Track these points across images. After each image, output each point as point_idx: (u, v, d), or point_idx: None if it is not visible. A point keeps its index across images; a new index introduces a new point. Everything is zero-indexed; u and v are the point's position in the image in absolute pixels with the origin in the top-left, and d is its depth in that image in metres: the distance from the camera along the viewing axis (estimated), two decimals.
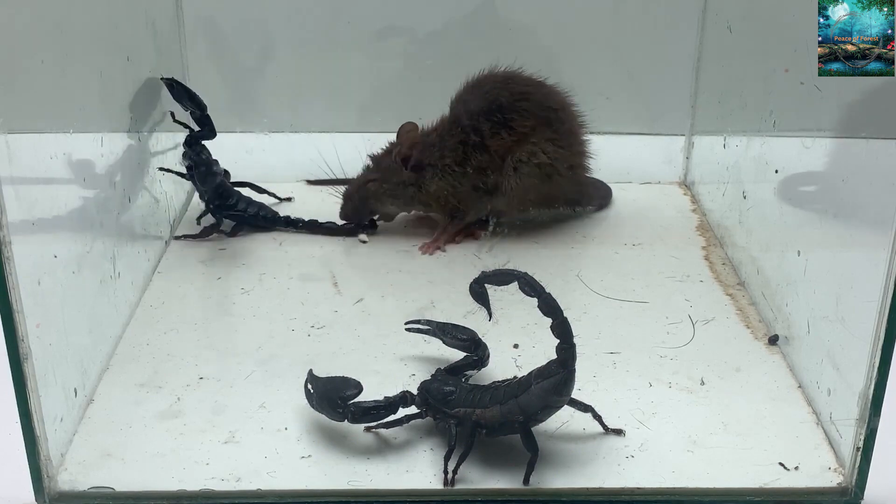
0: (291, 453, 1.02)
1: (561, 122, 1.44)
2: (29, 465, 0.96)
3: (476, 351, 1.10)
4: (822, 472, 1.00)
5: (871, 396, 0.95)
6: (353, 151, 1.53)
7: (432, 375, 1.06)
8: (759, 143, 1.33)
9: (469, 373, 1.09)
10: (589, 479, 0.99)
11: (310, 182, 1.60)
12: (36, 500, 0.98)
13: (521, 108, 1.41)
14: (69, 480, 0.98)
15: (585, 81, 1.61)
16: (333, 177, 1.56)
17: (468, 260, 1.40)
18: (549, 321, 0.97)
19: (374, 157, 1.47)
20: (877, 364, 0.94)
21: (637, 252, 1.43)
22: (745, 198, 1.38)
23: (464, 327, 1.14)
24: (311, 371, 1.05)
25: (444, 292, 1.30)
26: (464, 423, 1.00)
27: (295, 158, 1.55)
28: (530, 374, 0.99)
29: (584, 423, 1.04)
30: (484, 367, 1.10)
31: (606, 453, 1.02)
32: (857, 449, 0.97)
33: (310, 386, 1.04)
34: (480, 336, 1.12)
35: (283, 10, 1.61)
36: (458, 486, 0.98)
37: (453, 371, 1.07)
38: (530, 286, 0.97)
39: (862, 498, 0.99)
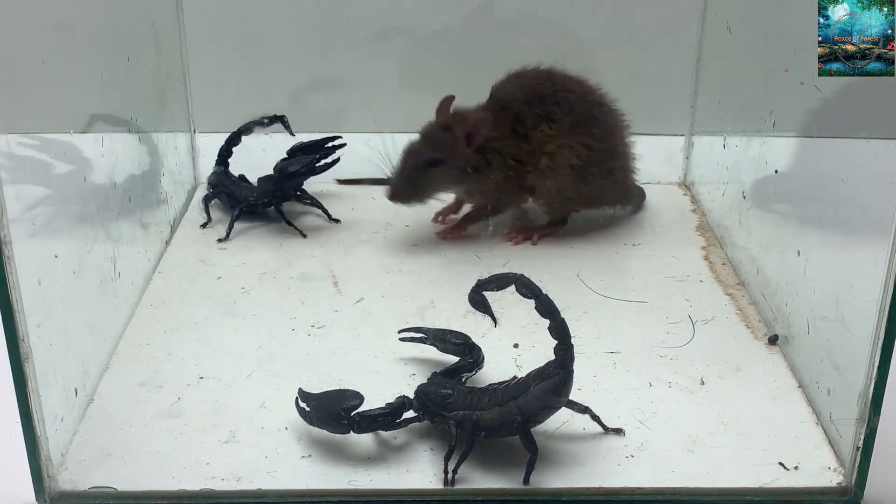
0: (291, 453, 1.02)
1: (600, 121, 1.42)
2: (29, 464, 0.96)
3: (471, 354, 1.10)
4: (821, 472, 1.00)
5: (870, 396, 0.95)
6: (354, 151, 1.53)
7: (429, 379, 1.06)
8: (759, 143, 1.34)
9: (465, 375, 1.09)
10: (589, 479, 0.99)
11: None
12: (36, 499, 0.98)
13: (563, 101, 1.39)
14: (70, 480, 0.98)
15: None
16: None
17: (468, 260, 1.40)
18: (547, 322, 0.97)
19: (428, 136, 1.40)
20: (877, 364, 0.94)
21: (637, 252, 1.43)
22: (744, 198, 1.38)
23: (456, 332, 1.13)
24: (301, 389, 1.04)
25: (444, 292, 1.30)
26: (463, 425, 1.00)
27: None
28: (529, 375, 0.99)
29: (584, 423, 1.04)
30: (479, 369, 1.10)
31: (606, 453, 1.02)
32: (857, 448, 0.97)
33: (304, 404, 1.03)
34: (480, 336, 1.12)
35: (283, 10, 1.61)
36: (458, 486, 0.98)
37: (450, 374, 1.07)
38: (527, 288, 0.97)
39: (862, 497, 0.99)
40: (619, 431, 1.04)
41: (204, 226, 1.47)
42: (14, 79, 0.99)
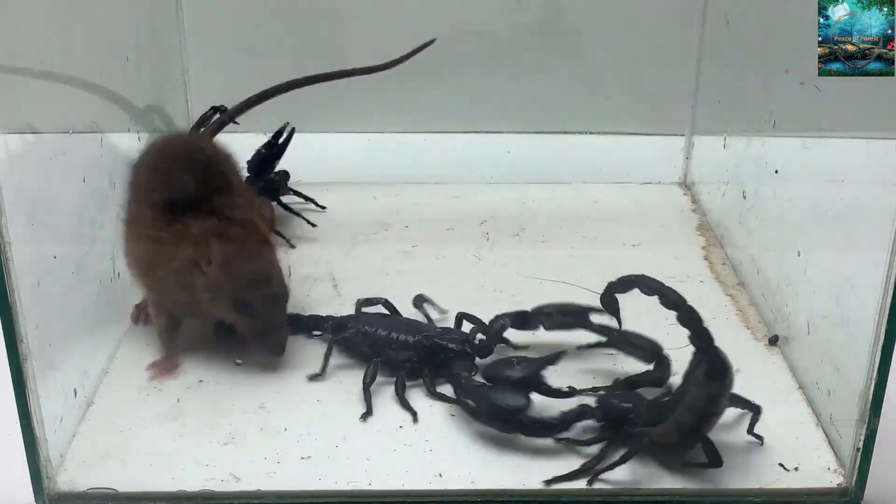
0: (291, 454, 1.02)
1: None
2: (28, 465, 0.96)
3: (658, 367, 1.07)
4: (822, 473, 1.00)
5: (871, 397, 0.95)
6: (354, 151, 1.53)
7: (610, 387, 1.05)
8: (759, 143, 1.33)
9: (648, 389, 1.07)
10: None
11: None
12: (35, 500, 0.98)
13: None
14: (69, 481, 0.98)
15: (585, 82, 1.61)
16: None
17: (467, 260, 1.40)
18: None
19: None
20: (877, 364, 0.94)
21: (637, 252, 1.43)
22: (744, 198, 1.38)
23: (646, 337, 1.10)
24: (472, 373, 1.04)
25: (443, 294, 1.30)
26: (636, 439, 0.98)
27: (295, 158, 1.55)
28: (684, 380, 0.98)
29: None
30: (663, 384, 1.06)
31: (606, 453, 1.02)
32: (857, 449, 0.97)
33: (476, 391, 1.02)
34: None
35: (283, 9, 1.61)
36: (458, 487, 0.98)
37: (631, 385, 1.06)
38: (648, 286, 0.98)
39: (862, 498, 0.99)
40: (759, 438, 1.03)
41: None
42: (14, 79, 0.99)
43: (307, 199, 1.51)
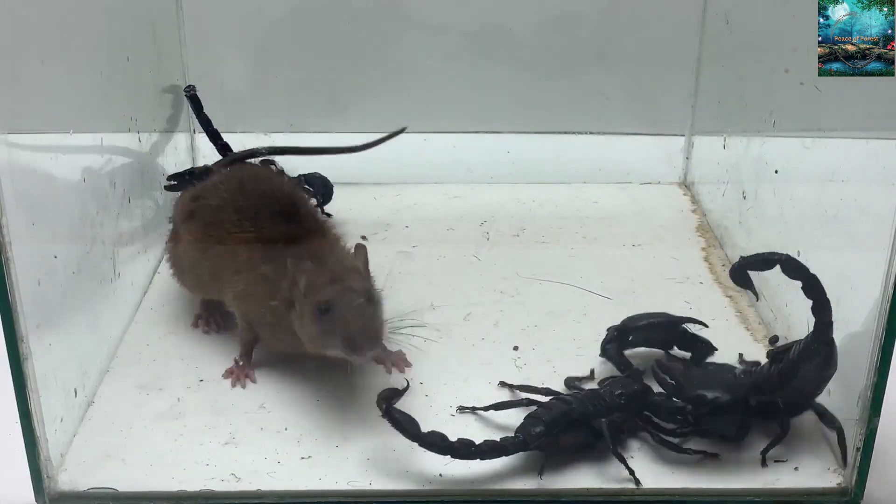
0: (291, 454, 1.02)
1: None
2: (29, 465, 0.96)
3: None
4: (821, 473, 1.00)
5: (870, 396, 0.95)
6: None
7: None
8: (759, 143, 1.33)
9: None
10: (589, 479, 0.99)
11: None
12: (36, 500, 0.98)
13: None
14: (69, 481, 0.98)
15: (585, 81, 1.61)
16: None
17: (467, 260, 1.40)
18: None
19: None
20: (876, 364, 0.94)
21: (637, 252, 1.43)
22: (744, 198, 1.38)
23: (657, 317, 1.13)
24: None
25: (443, 294, 1.30)
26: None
27: (295, 159, 1.55)
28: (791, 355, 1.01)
29: None
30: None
31: (606, 454, 1.02)
32: (857, 449, 0.97)
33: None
34: (480, 339, 1.11)
35: (283, 9, 1.61)
36: (458, 487, 0.98)
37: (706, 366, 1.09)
38: (794, 269, 0.97)
39: (862, 498, 0.99)
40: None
41: None
42: (14, 79, 0.99)
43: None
